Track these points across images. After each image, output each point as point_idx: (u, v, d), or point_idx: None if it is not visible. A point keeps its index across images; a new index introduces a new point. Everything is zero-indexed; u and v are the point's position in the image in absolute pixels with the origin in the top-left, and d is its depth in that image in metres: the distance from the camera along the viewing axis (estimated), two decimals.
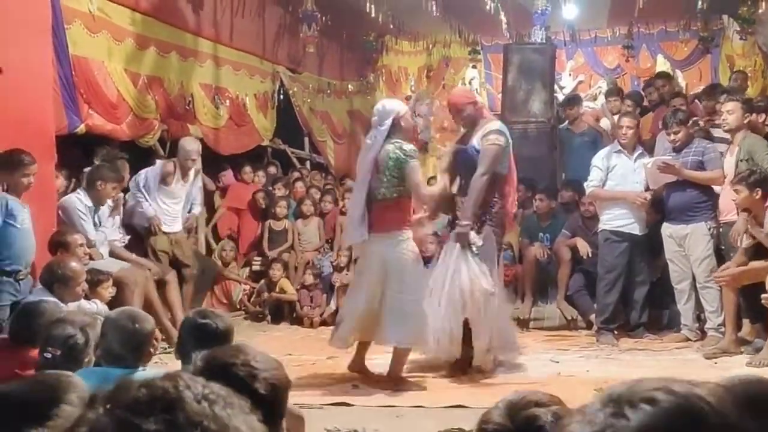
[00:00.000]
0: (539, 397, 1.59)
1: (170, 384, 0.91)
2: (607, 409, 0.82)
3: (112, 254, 5.93)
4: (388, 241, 4.82)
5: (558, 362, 5.56)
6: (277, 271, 7.68)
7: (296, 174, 9.31)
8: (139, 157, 6.85)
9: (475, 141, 5.18)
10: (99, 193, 5.80)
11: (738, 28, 9.63)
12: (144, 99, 6.75)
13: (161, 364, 5.15)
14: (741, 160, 5.82)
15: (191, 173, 6.64)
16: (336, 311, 7.36)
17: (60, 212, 5.64)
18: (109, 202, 5.99)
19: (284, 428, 1.83)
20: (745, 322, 5.85)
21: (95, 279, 5.15)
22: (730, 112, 5.95)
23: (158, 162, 6.68)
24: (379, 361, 5.10)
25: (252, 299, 7.76)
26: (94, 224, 5.83)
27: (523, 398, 1.60)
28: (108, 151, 6.39)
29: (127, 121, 6.57)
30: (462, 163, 5.28)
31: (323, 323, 7.37)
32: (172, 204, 6.54)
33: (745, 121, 5.93)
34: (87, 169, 6.01)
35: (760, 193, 5.30)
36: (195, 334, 2.84)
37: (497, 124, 5.28)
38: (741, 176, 5.41)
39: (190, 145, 6.62)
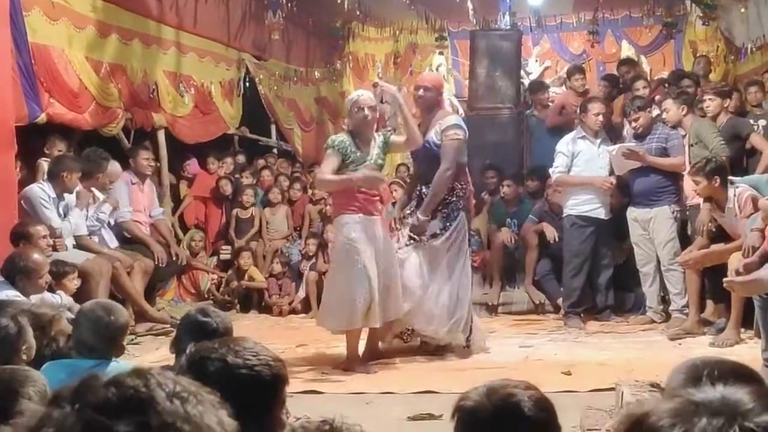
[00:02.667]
0: (518, 383, 1.63)
1: (141, 382, 0.88)
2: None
3: (80, 246, 5.85)
4: (336, 226, 5.18)
5: (530, 346, 5.60)
6: (245, 259, 7.64)
7: (263, 162, 9.25)
8: (104, 147, 6.74)
9: (433, 134, 5.24)
10: (64, 184, 5.72)
11: (701, 14, 9.75)
12: (106, 87, 6.64)
13: (129, 355, 5.11)
14: (691, 145, 5.96)
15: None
16: (305, 299, 7.36)
17: (22, 202, 5.54)
18: (78, 189, 5.91)
19: (283, 420, 1.80)
20: (709, 303, 5.96)
21: (60, 271, 5.08)
22: (666, 110, 6.23)
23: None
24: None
25: (221, 288, 7.71)
26: (59, 214, 5.74)
27: (503, 382, 1.63)
28: (94, 150, 6.33)
29: (89, 110, 6.46)
30: (422, 157, 5.41)
31: (292, 311, 7.36)
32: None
33: (683, 113, 6.10)
34: (44, 160, 5.92)
35: (718, 180, 5.39)
36: (193, 331, 2.80)
37: (454, 119, 5.37)
38: (698, 167, 5.49)
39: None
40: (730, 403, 0.86)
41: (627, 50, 10.91)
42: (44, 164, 5.91)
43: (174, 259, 7.05)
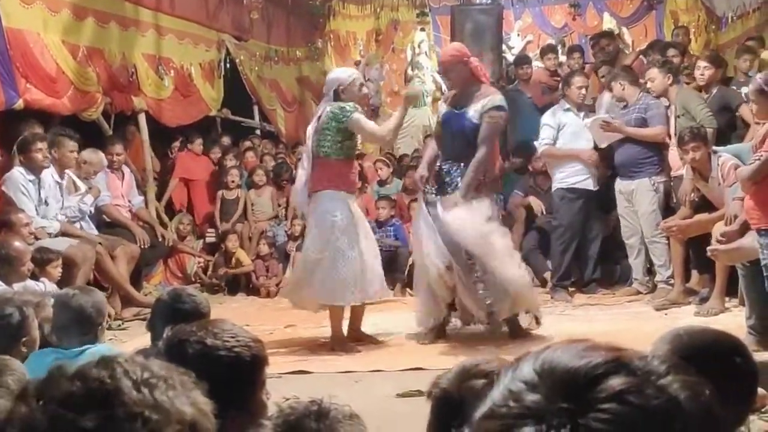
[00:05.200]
0: (493, 367, 1.60)
1: (106, 373, 0.86)
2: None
3: (63, 232, 5.82)
4: (317, 201, 4.94)
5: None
6: (232, 242, 7.61)
7: (248, 143, 9.19)
8: (84, 131, 6.67)
9: (473, 112, 4.94)
10: (33, 160, 5.64)
11: None
12: (84, 71, 6.55)
13: (116, 341, 5.10)
14: (678, 116, 5.94)
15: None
16: None
17: (3, 188, 5.50)
18: (58, 178, 5.86)
19: (264, 401, 1.79)
20: (694, 273, 6.00)
21: (44, 258, 5.05)
22: (651, 79, 6.12)
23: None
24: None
25: (209, 273, 7.69)
26: (40, 199, 5.70)
27: (477, 366, 1.61)
28: (61, 128, 6.28)
29: (67, 94, 6.37)
30: (456, 132, 5.04)
31: (280, 293, 7.35)
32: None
33: (668, 82, 6.05)
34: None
35: (703, 150, 5.39)
36: (166, 315, 2.76)
37: (498, 99, 5.02)
38: (682, 138, 5.50)
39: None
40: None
41: (609, 22, 10.88)
42: None
43: (161, 240, 7.03)
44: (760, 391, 2.73)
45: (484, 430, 0.69)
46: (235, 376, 1.69)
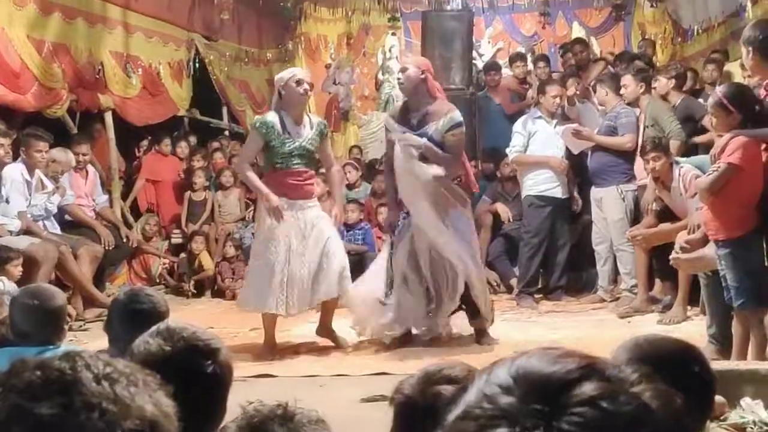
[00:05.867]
0: (456, 373, 1.59)
1: (67, 365, 0.85)
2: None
3: (26, 230, 5.72)
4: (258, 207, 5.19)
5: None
6: (197, 244, 7.54)
7: (215, 144, 9.12)
8: (49, 129, 6.56)
9: (433, 130, 4.90)
10: None
11: None
12: (49, 67, 6.45)
13: (77, 341, 5.01)
14: (647, 126, 6.03)
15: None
16: None
17: None
18: (27, 176, 5.78)
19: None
20: (657, 281, 6.07)
21: (4, 256, 4.97)
22: (625, 86, 6.20)
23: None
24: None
25: (175, 277, 7.61)
26: (0, 197, 5.60)
27: (440, 371, 1.60)
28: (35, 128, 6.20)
29: (32, 91, 6.27)
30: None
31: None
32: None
33: (641, 90, 6.13)
34: None
35: (665, 161, 5.48)
36: (123, 316, 2.70)
37: (456, 116, 4.96)
38: (645, 148, 5.58)
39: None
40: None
41: (578, 32, 11.00)
42: None
43: (125, 241, 6.94)
44: (720, 399, 2.77)
45: (458, 431, 0.69)
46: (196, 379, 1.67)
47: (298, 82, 4.92)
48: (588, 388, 0.68)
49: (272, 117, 4.94)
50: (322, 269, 4.91)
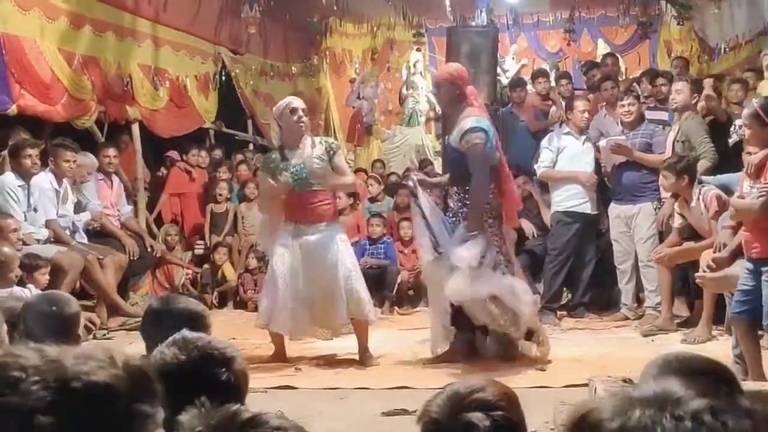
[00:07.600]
0: (486, 396, 1.53)
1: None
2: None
3: (54, 239, 5.81)
4: None
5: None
6: (220, 255, 7.59)
7: (241, 156, 9.19)
8: (77, 139, 6.66)
9: (453, 139, 4.91)
10: (23, 165, 5.65)
11: (675, 14, 9.83)
12: (79, 79, 6.55)
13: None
14: (677, 141, 5.97)
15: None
16: None
17: None
18: (56, 186, 5.86)
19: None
20: (679, 300, 6.01)
21: (32, 264, 5.02)
22: (678, 91, 6.12)
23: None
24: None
25: (197, 287, 7.67)
26: (29, 206, 5.69)
27: (470, 394, 1.53)
28: (62, 138, 6.30)
29: (61, 101, 6.37)
30: (448, 160, 5.27)
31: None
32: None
33: (693, 102, 6.07)
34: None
35: (687, 179, 5.43)
36: (162, 318, 2.70)
37: (471, 121, 4.83)
38: (669, 163, 5.53)
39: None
40: (662, 394, 0.94)
41: (603, 49, 10.98)
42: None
43: (150, 251, 7.00)
44: None
45: None
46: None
47: (293, 111, 5.02)
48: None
49: (273, 152, 5.17)
50: (330, 295, 4.95)
